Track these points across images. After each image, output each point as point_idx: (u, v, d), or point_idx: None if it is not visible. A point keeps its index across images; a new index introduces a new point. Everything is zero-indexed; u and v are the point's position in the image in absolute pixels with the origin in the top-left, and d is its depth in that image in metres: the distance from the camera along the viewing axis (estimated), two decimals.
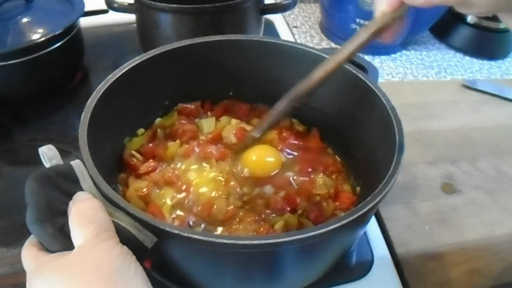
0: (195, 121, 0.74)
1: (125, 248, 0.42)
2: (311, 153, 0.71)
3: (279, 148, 0.70)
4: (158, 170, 0.67)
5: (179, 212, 0.62)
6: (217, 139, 0.71)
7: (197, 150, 0.68)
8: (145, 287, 0.41)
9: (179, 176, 0.65)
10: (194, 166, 0.67)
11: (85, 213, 0.43)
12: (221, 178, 0.65)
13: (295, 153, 0.70)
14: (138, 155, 0.68)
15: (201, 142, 0.70)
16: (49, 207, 0.44)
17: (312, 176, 0.67)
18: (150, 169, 0.67)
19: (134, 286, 0.40)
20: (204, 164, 0.67)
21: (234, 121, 0.74)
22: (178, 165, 0.67)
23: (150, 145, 0.70)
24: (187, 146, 0.69)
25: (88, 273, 0.39)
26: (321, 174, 0.68)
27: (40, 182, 0.45)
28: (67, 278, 0.39)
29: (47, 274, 0.40)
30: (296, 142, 0.72)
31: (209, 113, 0.76)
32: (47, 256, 0.42)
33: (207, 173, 0.66)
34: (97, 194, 0.48)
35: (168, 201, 0.63)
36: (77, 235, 0.42)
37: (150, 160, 0.68)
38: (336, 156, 0.72)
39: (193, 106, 0.75)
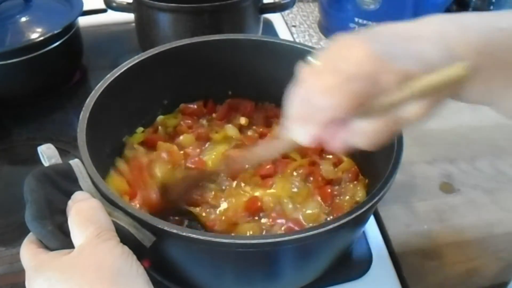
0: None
1: (126, 248, 0.42)
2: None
3: None
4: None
5: None
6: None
7: None
8: (147, 287, 0.41)
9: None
10: None
11: (85, 213, 0.43)
12: None
13: None
14: (141, 148, 0.68)
15: None
16: (49, 205, 0.44)
17: None
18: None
19: (136, 286, 0.40)
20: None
21: (243, 119, 0.74)
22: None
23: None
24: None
25: (90, 273, 0.39)
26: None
27: (39, 180, 0.45)
28: (69, 278, 0.39)
29: (47, 273, 0.40)
30: None
31: (214, 114, 0.76)
32: (47, 254, 0.42)
33: None
34: (96, 193, 0.48)
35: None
36: (77, 235, 0.42)
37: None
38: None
39: (195, 106, 0.75)
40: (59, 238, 0.42)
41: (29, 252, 0.43)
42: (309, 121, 0.39)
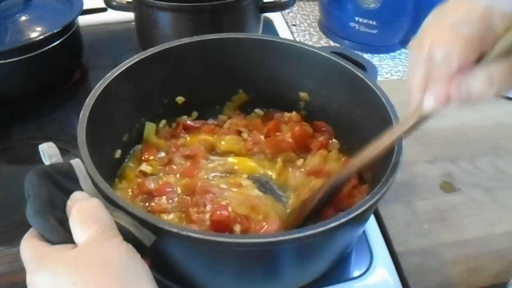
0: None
1: (130, 245, 0.42)
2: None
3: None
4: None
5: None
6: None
7: None
8: (151, 284, 0.41)
9: None
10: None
11: (87, 212, 0.43)
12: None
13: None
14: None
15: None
16: (50, 200, 0.44)
17: None
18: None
19: (142, 282, 0.40)
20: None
21: (260, 111, 0.77)
22: None
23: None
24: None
25: (97, 268, 0.39)
26: None
27: (41, 177, 0.45)
28: (75, 272, 0.38)
29: (51, 266, 0.39)
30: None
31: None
32: (50, 248, 0.41)
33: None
34: (96, 193, 0.47)
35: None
36: (80, 233, 0.41)
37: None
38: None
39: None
40: (62, 233, 0.42)
41: (31, 246, 0.42)
42: (434, 81, 0.41)
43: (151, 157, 0.69)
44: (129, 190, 0.65)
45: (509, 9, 0.37)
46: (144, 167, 0.67)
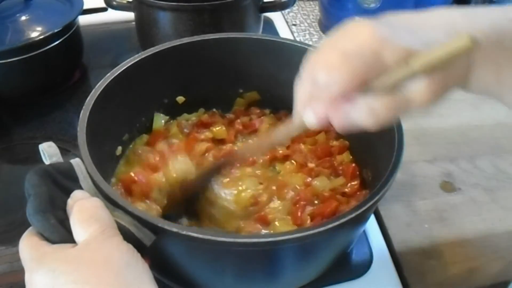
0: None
1: (130, 245, 0.42)
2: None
3: None
4: None
5: None
6: None
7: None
8: (152, 283, 0.41)
9: None
10: None
11: (88, 211, 0.43)
12: None
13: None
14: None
15: None
16: (50, 200, 0.44)
17: None
18: None
19: (142, 282, 0.40)
20: None
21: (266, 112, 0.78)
22: None
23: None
24: None
25: (97, 266, 0.39)
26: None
27: (41, 176, 0.45)
28: (75, 270, 0.38)
29: (51, 264, 0.39)
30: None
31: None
32: (50, 247, 0.41)
33: None
34: (96, 193, 0.48)
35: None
36: (81, 232, 0.41)
37: None
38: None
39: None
40: (62, 232, 0.42)
41: (30, 245, 0.42)
42: (315, 100, 0.41)
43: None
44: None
45: (404, 45, 0.36)
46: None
